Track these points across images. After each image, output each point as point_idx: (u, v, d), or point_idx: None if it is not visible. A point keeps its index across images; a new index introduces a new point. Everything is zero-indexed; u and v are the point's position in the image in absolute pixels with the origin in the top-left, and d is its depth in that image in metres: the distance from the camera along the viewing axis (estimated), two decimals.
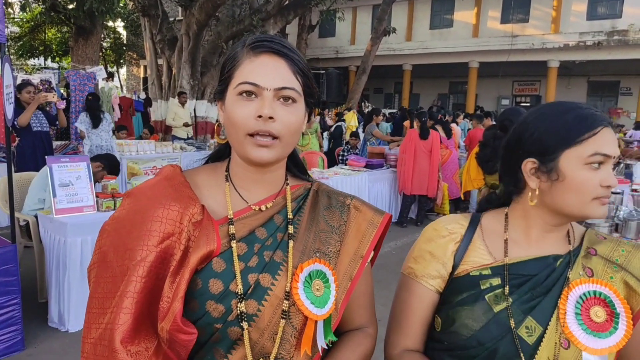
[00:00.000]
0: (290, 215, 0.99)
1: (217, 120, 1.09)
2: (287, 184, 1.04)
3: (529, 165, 1.03)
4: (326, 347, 0.96)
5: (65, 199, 3.64)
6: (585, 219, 1.00)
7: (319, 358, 0.96)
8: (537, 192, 1.02)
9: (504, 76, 18.65)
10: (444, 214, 7.47)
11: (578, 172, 0.97)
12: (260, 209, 0.98)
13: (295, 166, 1.10)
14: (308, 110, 0.98)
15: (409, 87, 21.47)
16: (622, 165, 6.56)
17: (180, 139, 9.61)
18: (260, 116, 0.88)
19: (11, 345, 3.21)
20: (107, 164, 4.68)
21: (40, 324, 3.61)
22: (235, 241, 0.92)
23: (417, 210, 7.41)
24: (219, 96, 0.98)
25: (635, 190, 4.43)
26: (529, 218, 1.06)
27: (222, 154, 1.08)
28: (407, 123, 10.20)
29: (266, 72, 0.91)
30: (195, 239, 0.89)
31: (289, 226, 0.98)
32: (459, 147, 8.98)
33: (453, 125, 9.82)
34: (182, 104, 9.98)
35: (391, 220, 1.06)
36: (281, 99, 0.91)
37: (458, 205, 7.98)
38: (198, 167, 1.08)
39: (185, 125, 9.87)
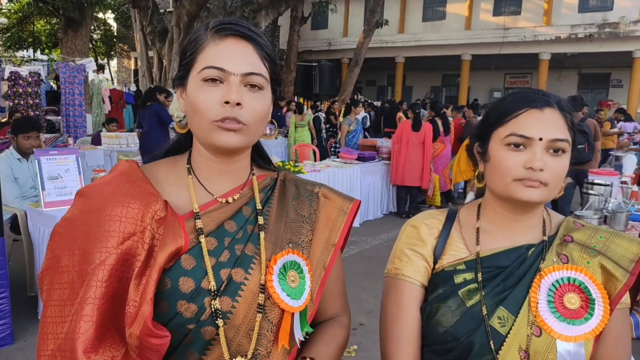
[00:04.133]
0: (259, 206, 0.95)
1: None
2: (253, 174, 1.00)
3: (476, 149, 1.09)
4: (303, 340, 0.94)
5: (54, 191, 3.61)
6: (515, 200, 0.99)
7: (296, 351, 0.94)
8: (482, 174, 1.07)
9: (496, 69, 18.67)
10: (436, 206, 7.51)
11: (498, 152, 1.00)
12: (227, 201, 0.94)
13: (260, 156, 1.06)
14: (274, 98, 0.95)
15: (402, 79, 21.44)
16: (611, 157, 6.61)
17: None
18: (227, 102, 0.84)
19: (0, 339, 3.19)
20: (16, 125, 4.24)
21: (29, 317, 3.59)
22: (203, 236, 0.87)
23: (408, 202, 7.43)
24: (179, 82, 0.92)
25: (624, 183, 4.47)
26: (491, 206, 1.08)
27: (181, 145, 1.02)
28: (400, 114, 10.18)
29: (232, 56, 0.86)
30: (160, 236, 0.83)
31: (259, 217, 0.94)
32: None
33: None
34: None
35: (360, 206, 1.04)
36: (248, 86, 0.86)
37: (449, 198, 8.02)
38: (156, 161, 1.01)
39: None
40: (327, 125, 10.53)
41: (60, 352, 0.78)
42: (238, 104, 0.84)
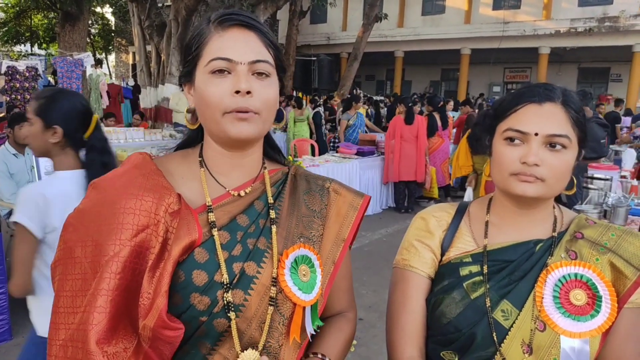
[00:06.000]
0: (271, 200, 0.96)
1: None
2: (265, 168, 1.01)
3: (486, 142, 1.10)
4: (314, 333, 0.95)
5: None
6: (513, 195, 1.00)
7: (307, 344, 0.95)
8: (488, 166, 1.07)
9: (496, 63, 18.62)
10: (434, 198, 7.51)
11: (497, 146, 1.02)
12: (239, 195, 0.94)
13: (271, 147, 1.07)
14: (280, 85, 0.95)
15: (401, 74, 21.38)
16: (611, 151, 6.60)
17: (182, 125, 9.53)
18: (237, 92, 0.84)
19: None
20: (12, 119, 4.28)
21: (28, 313, 3.57)
22: (216, 229, 0.88)
23: (407, 197, 7.42)
24: (186, 79, 0.93)
25: (623, 177, 4.46)
26: (499, 200, 1.08)
27: (192, 140, 1.03)
28: (399, 109, 10.14)
29: (238, 46, 0.87)
30: (174, 230, 0.84)
31: (271, 211, 0.94)
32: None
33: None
34: None
35: (370, 202, 1.06)
36: (255, 74, 0.87)
37: (448, 192, 8.01)
38: (168, 154, 1.03)
39: (188, 111, 9.81)
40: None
41: (72, 342, 0.79)
42: (248, 92, 0.85)
